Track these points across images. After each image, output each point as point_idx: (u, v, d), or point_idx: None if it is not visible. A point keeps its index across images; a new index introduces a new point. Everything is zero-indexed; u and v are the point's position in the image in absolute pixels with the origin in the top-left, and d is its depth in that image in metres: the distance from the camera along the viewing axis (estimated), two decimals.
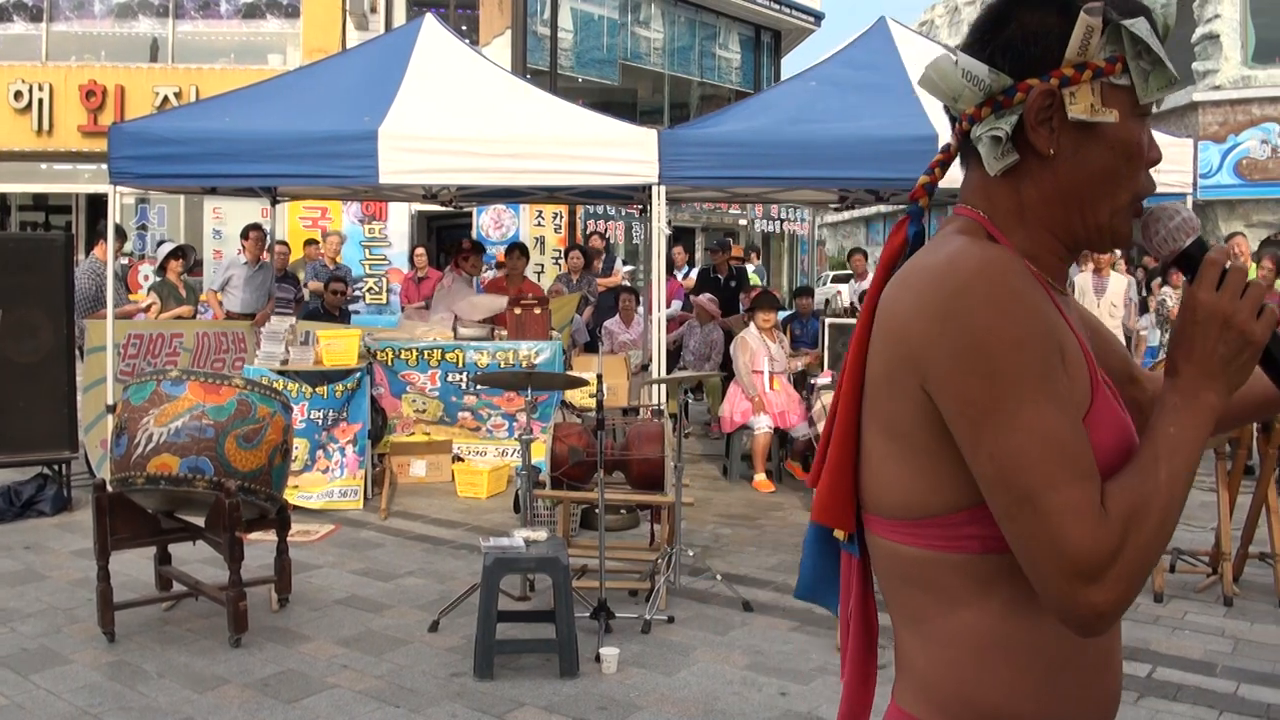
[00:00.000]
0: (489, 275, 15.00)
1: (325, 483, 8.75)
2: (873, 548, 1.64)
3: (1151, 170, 1.59)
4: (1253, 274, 10.08)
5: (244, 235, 11.63)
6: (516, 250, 11.73)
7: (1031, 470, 1.34)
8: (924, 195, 1.68)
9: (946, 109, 1.61)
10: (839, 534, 1.69)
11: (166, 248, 11.37)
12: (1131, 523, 1.35)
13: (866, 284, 12.95)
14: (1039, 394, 1.35)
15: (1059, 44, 1.47)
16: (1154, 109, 1.54)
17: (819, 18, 28.18)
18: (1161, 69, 1.49)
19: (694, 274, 15.15)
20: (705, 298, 12.49)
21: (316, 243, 14.70)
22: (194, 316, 10.91)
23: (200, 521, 5.89)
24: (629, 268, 17.27)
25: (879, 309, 1.54)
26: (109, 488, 5.65)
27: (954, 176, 1.62)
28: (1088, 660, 1.51)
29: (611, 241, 19.23)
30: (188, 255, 11.30)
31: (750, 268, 17.18)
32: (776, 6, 26.46)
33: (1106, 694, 1.55)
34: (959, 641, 1.50)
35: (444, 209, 13.50)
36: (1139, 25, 1.46)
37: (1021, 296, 1.38)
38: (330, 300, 11.83)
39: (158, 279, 11.29)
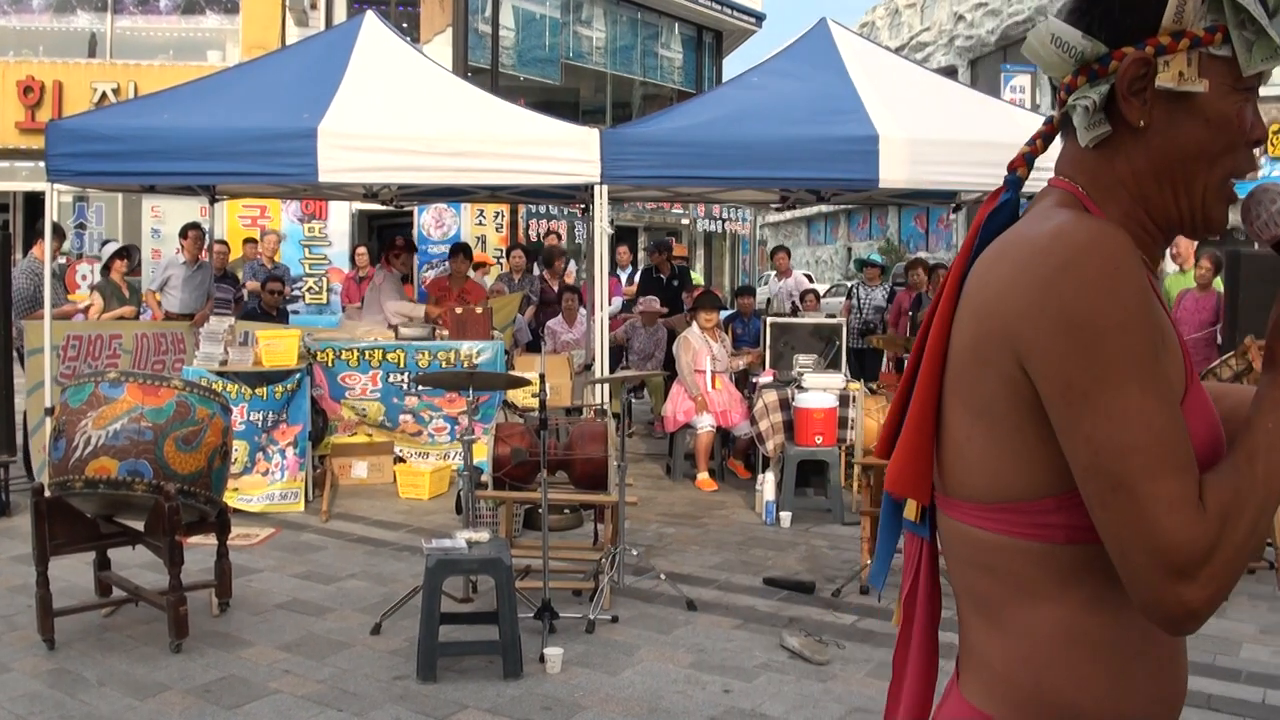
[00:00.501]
0: (430, 274, 14.96)
1: (265, 485, 8.68)
2: (946, 532, 1.58)
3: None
4: (1191, 275, 10.19)
5: (183, 234, 11.48)
6: (461, 254, 11.68)
7: (1130, 458, 1.29)
8: (1023, 165, 1.61)
9: (1051, 80, 1.56)
10: (909, 513, 1.63)
11: (111, 247, 11.21)
12: (1228, 519, 1.29)
13: (791, 282, 13.03)
14: (1142, 379, 1.30)
15: (1157, 12, 1.42)
16: (1261, 82, 1.47)
17: (760, 19, 28.35)
18: (1265, 40, 1.42)
19: (636, 276, 15.13)
20: (649, 299, 12.53)
21: (256, 242, 14.57)
22: (137, 317, 10.79)
23: (140, 526, 5.83)
24: (571, 267, 17.24)
25: (970, 280, 1.48)
26: (47, 492, 5.58)
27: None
28: (1160, 656, 1.47)
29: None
30: (132, 255, 11.16)
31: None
32: (718, 7, 26.58)
33: (1175, 690, 1.51)
34: (1035, 635, 1.45)
35: (385, 208, 13.42)
36: None
37: (1130, 276, 1.31)
38: (268, 300, 11.73)
39: (102, 279, 11.15)
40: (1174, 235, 1.54)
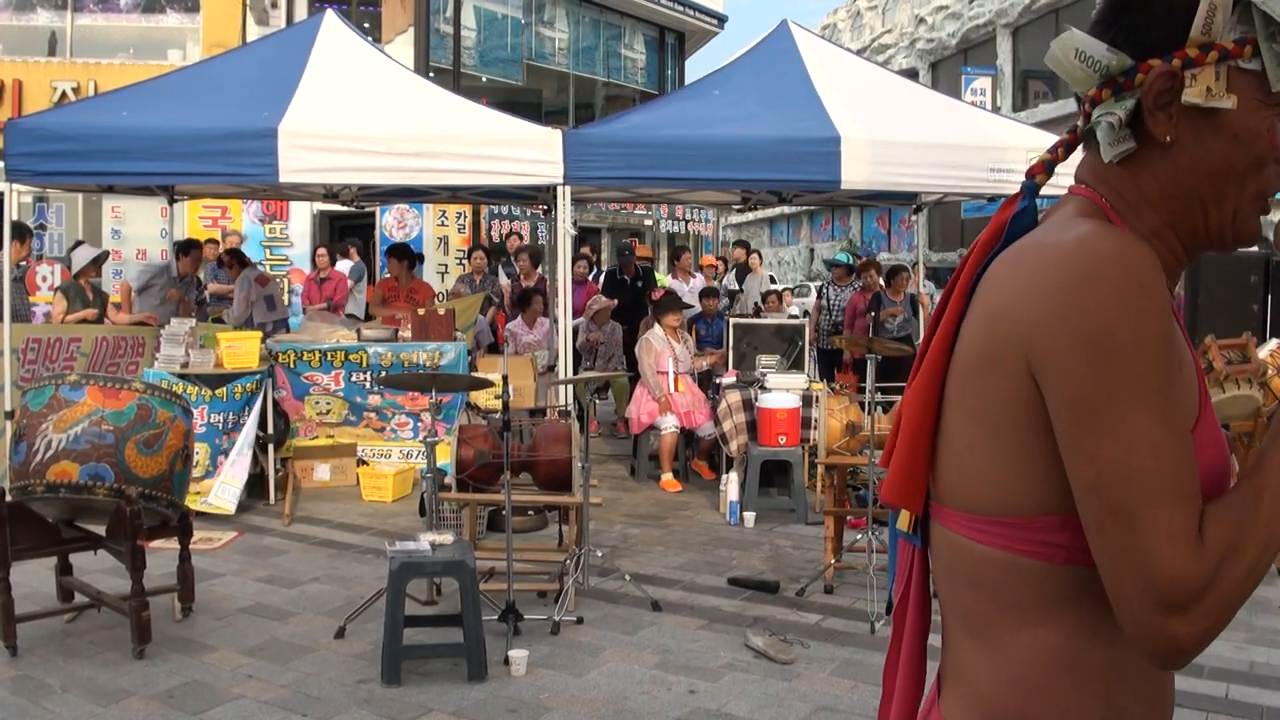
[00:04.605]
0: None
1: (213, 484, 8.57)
2: (939, 543, 1.52)
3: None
4: None
5: (184, 250, 11.24)
6: (395, 256, 11.56)
7: (1132, 483, 1.24)
8: (1042, 172, 1.55)
9: (1076, 92, 1.50)
10: (901, 523, 1.58)
11: (88, 252, 11.02)
12: (1227, 556, 1.24)
13: (685, 287, 12.93)
14: (1154, 402, 1.25)
15: (1185, 24, 1.36)
16: None
17: (722, 20, 28.40)
18: None
19: (596, 277, 15.12)
20: (597, 298, 12.55)
21: (218, 244, 14.48)
22: (100, 320, 10.67)
23: (101, 530, 5.79)
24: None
25: (985, 283, 1.43)
26: (8, 496, 5.52)
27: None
28: (1150, 682, 1.43)
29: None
30: (100, 261, 11.02)
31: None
32: (680, 8, 26.60)
33: (1163, 713, 1.46)
34: (1026, 657, 1.40)
35: (347, 208, 13.36)
36: (1273, 3, 1.34)
37: (1152, 294, 1.26)
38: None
39: (71, 281, 11.01)
40: (1199, 253, 1.49)
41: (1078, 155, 1.58)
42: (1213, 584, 1.23)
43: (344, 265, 15.18)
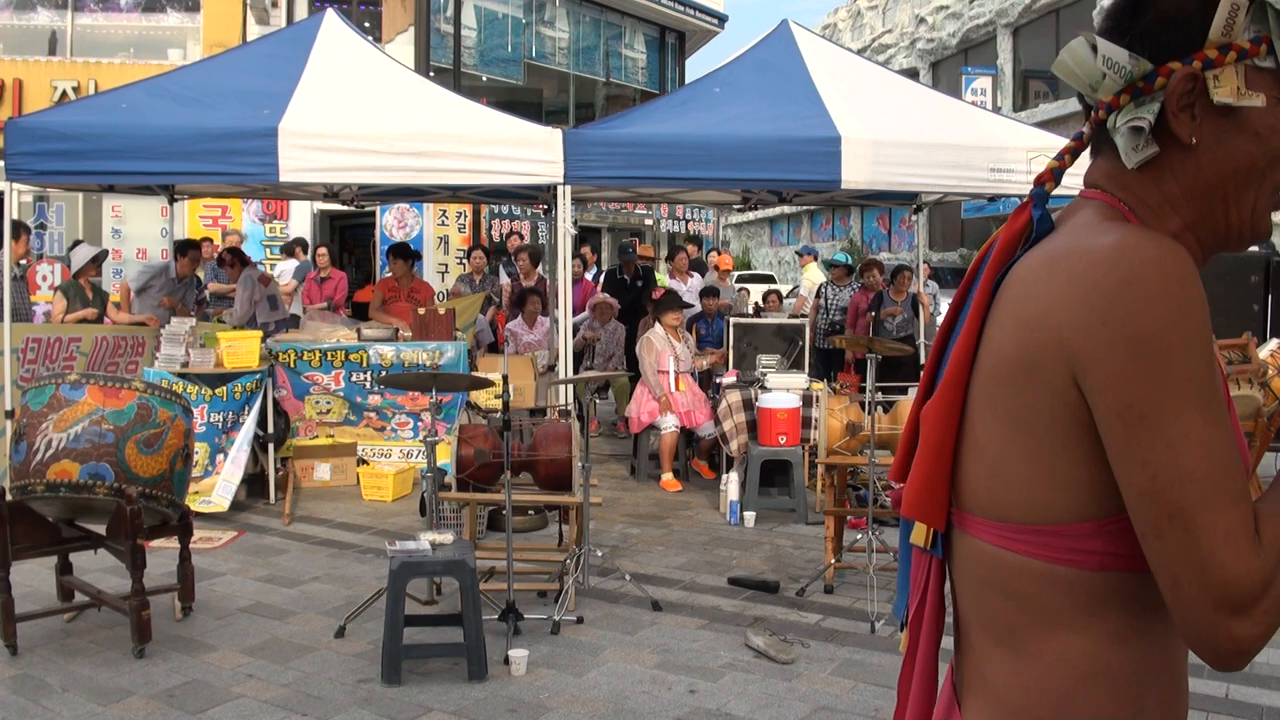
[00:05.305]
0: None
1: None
2: (964, 552, 1.50)
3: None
4: None
5: (182, 251, 11.22)
6: (397, 256, 11.56)
7: (1188, 486, 1.23)
8: (1051, 179, 1.54)
9: (1080, 96, 1.50)
10: (917, 537, 1.55)
11: (87, 251, 11.02)
12: None
13: (684, 287, 13.01)
14: (1203, 404, 1.24)
15: (1200, 26, 1.36)
16: None
17: (722, 20, 28.40)
18: None
19: (601, 276, 15.15)
20: (601, 295, 12.54)
21: (213, 242, 14.48)
22: (100, 319, 10.66)
23: (101, 529, 5.79)
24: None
25: (1013, 291, 1.41)
26: (8, 496, 5.52)
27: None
28: (1171, 685, 1.43)
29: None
30: (100, 260, 11.01)
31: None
32: (680, 8, 26.61)
33: (1180, 715, 1.46)
34: (1058, 664, 1.39)
35: (347, 208, 13.35)
36: None
37: (1195, 295, 1.26)
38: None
39: (70, 280, 11.00)
40: (1215, 253, 1.49)
41: (1082, 161, 1.56)
42: (1273, 582, 1.23)
43: (289, 265, 15.17)
